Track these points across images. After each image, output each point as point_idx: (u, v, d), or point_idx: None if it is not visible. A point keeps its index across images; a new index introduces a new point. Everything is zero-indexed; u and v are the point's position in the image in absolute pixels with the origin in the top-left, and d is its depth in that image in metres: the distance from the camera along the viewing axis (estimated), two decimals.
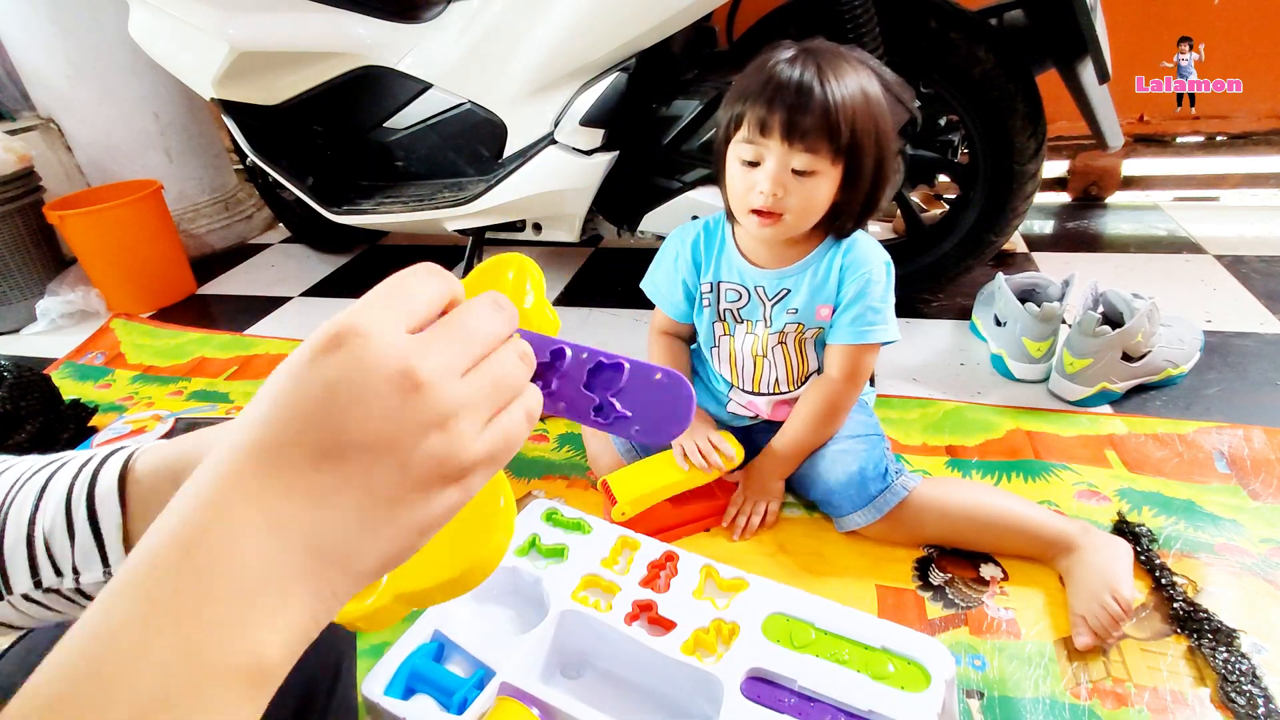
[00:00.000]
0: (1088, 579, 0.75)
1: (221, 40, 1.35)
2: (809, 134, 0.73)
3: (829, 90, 0.73)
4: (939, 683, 0.60)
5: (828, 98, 0.73)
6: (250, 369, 1.43)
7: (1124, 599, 0.71)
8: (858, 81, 0.75)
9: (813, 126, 0.73)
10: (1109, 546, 0.77)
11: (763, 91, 0.75)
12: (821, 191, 0.77)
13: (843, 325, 0.86)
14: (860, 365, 0.87)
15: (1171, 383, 1.10)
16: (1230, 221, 1.64)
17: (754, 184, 0.77)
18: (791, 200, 0.76)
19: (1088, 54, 1.09)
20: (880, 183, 0.79)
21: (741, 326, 0.91)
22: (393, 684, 0.64)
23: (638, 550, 0.78)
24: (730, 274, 0.90)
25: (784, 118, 0.74)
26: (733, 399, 0.96)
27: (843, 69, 0.75)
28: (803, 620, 0.67)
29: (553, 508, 0.86)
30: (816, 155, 0.74)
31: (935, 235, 1.35)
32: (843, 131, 0.73)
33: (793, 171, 0.75)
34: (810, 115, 0.73)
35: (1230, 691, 0.66)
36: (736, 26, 1.33)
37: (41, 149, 1.85)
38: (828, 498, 0.88)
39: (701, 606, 0.70)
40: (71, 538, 0.33)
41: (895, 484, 0.83)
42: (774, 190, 0.76)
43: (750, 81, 0.77)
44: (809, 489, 0.91)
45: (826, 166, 0.75)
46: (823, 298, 0.86)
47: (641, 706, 0.67)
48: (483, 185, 1.37)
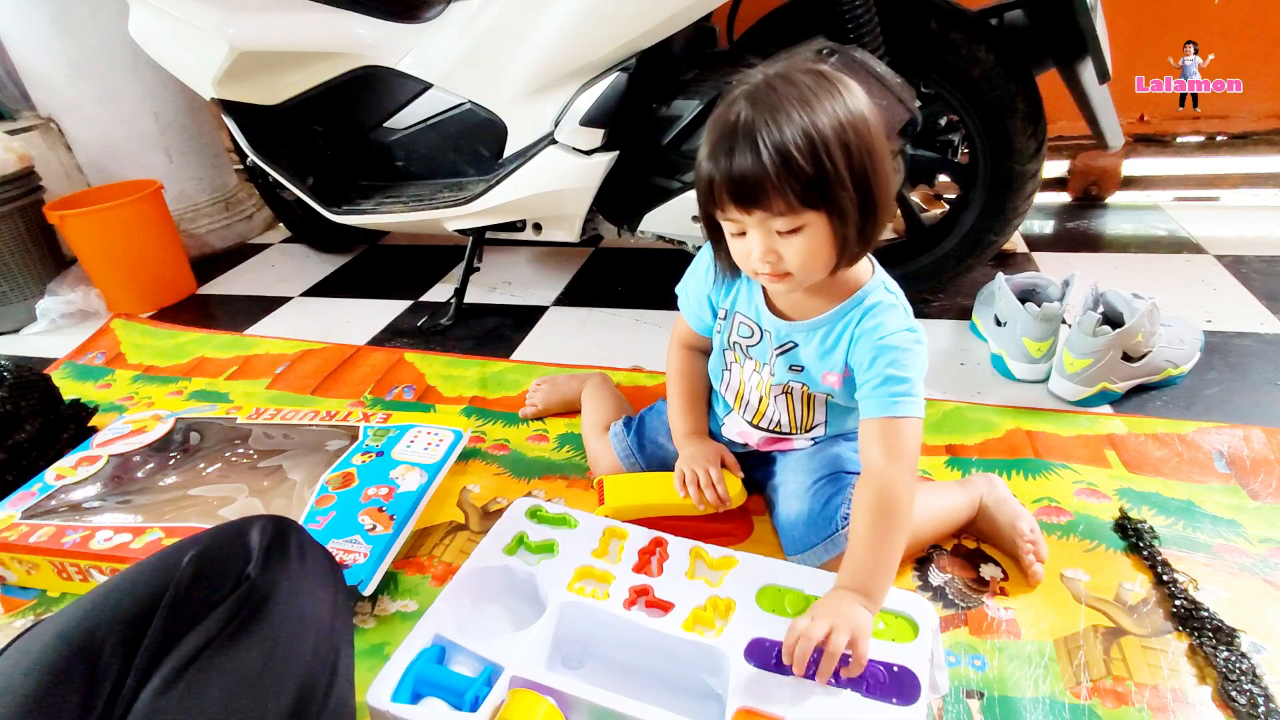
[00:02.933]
0: (1000, 529, 0.83)
1: (221, 40, 1.35)
2: (760, 201, 0.66)
3: (766, 142, 0.64)
4: (926, 632, 0.64)
5: (764, 154, 0.64)
6: (250, 369, 1.43)
7: (1031, 526, 0.82)
8: (812, 110, 0.64)
9: (764, 189, 0.65)
10: (993, 493, 0.86)
11: (712, 154, 0.68)
12: (815, 242, 0.69)
13: (868, 397, 0.74)
14: (902, 441, 0.72)
15: (1171, 383, 1.10)
16: (1231, 221, 1.64)
17: (747, 253, 0.71)
18: (786, 264, 0.70)
19: (1088, 54, 1.09)
20: (873, 206, 0.68)
21: (750, 363, 0.86)
22: (399, 691, 0.64)
23: (626, 539, 0.81)
24: (747, 308, 0.84)
25: (732, 188, 0.66)
26: (727, 424, 0.93)
27: (787, 105, 0.64)
28: (794, 589, 0.71)
29: (536, 505, 0.87)
30: (788, 215, 0.66)
31: (935, 235, 1.35)
32: (795, 183, 0.64)
33: (779, 233, 0.68)
34: (756, 177, 0.65)
35: (1231, 690, 0.66)
36: (736, 26, 1.33)
37: (41, 149, 1.85)
38: (780, 532, 0.86)
39: (696, 586, 0.73)
40: None
41: (840, 533, 0.78)
42: (766, 258, 0.69)
43: (707, 139, 0.70)
44: (772, 517, 0.89)
45: (809, 216, 0.67)
46: (829, 365, 0.78)
47: (648, 686, 0.68)
48: (483, 185, 1.37)
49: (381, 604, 0.85)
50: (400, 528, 0.88)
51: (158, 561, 0.50)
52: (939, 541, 0.86)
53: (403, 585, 0.87)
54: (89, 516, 0.91)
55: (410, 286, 1.74)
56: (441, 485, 0.99)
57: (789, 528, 0.83)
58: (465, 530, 0.95)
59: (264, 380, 1.38)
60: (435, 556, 0.91)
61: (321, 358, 1.44)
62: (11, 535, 0.88)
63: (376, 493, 0.92)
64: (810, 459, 0.87)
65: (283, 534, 0.54)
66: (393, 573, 0.88)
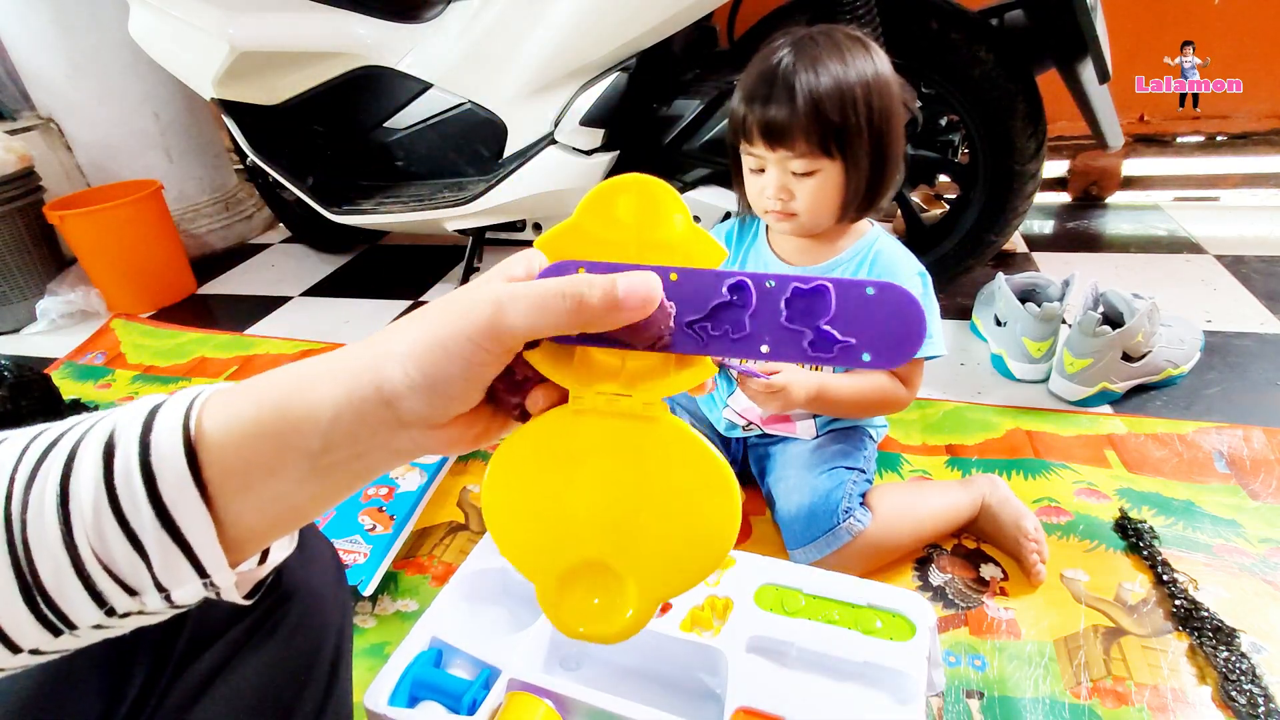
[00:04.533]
0: (1003, 528, 0.83)
1: (221, 40, 1.35)
2: (786, 137, 0.73)
3: (801, 89, 0.72)
4: (923, 630, 0.64)
5: (799, 98, 0.71)
6: (250, 369, 1.43)
7: (1034, 526, 0.81)
8: (846, 66, 0.72)
9: (789, 130, 0.73)
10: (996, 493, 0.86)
11: (749, 94, 0.76)
12: (827, 188, 0.76)
13: None
14: (908, 379, 0.84)
15: (1171, 383, 1.10)
16: (1230, 221, 1.64)
17: (762, 189, 0.78)
18: (797, 204, 0.77)
19: (1088, 54, 1.09)
20: (884, 165, 0.77)
21: None
22: (396, 694, 0.64)
23: None
24: (758, 268, 0.89)
25: (762, 127, 0.74)
26: (730, 404, 0.94)
27: (824, 58, 0.72)
28: (792, 588, 0.71)
29: None
30: (808, 157, 0.74)
31: (935, 235, 1.35)
32: (818, 131, 0.72)
33: (794, 173, 0.76)
34: (784, 119, 0.72)
35: (1231, 690, 0.66)
36: (736, 26, 1.33)
37: (41, 149, 1.85)
38: (781, 527, 0.87)
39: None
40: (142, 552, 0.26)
41: (841, 526, 0.80)
42: (779, 195, 0.77)
43: (745, 81, 0.78)
44: (772, 512, 0.90)
45: (825, 163, 0.75)
46: None
47: (646, 688, 0.68)
48: (483, 185, 1.37)
49: (381, 604, 0.85)
50: (400, 528, 0.88)
51: None
52: (939, 541, 0.86)
53: (403, 585, 0.87)
54: None
55: (410, 286, 1.74)
56: (441, 485, 0.99)
57: (790, 522, 0.84)
58: (465, 530, 0.95)
59: None
60: (435, 556, 0.91)
61: None
62: None
63: (376, 493, 0.92)
64: (811, 453, 0.87)
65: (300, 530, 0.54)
66: (393, 573, 0.88)
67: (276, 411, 0.27)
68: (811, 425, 0.90)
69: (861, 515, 0.81)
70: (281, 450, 0.27)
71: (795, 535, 0.83)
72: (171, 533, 0.25)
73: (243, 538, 0.28)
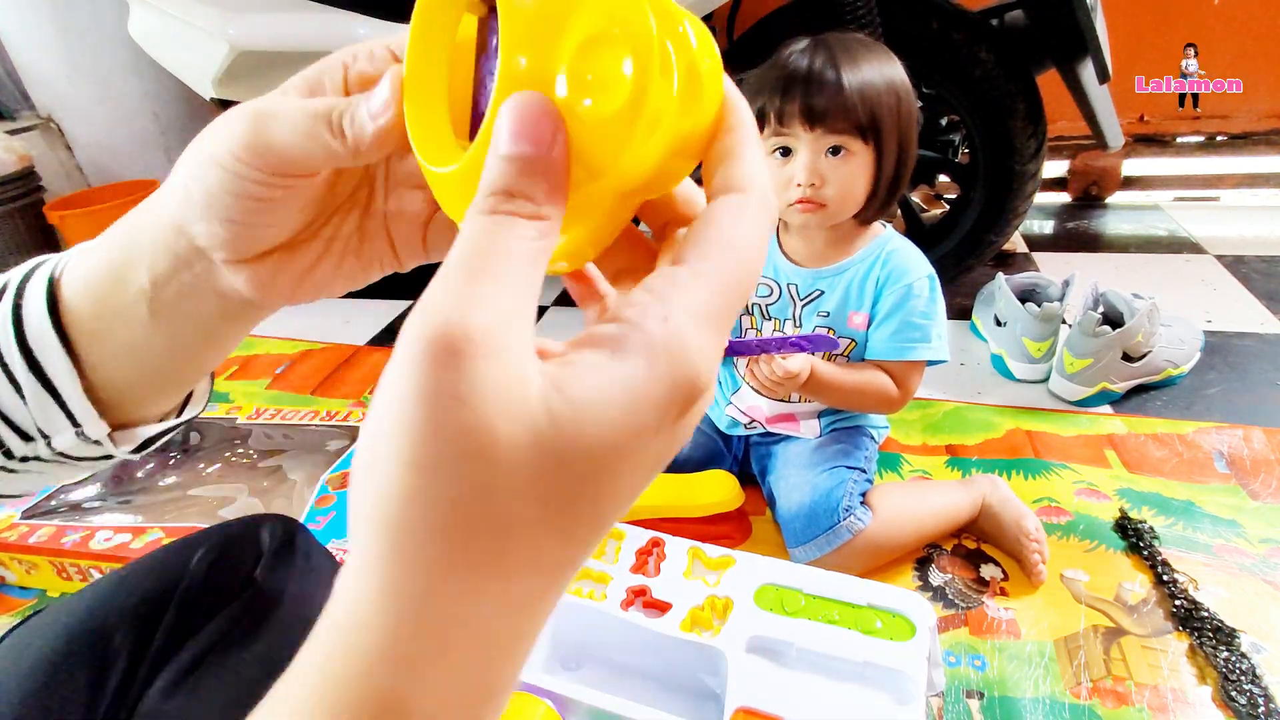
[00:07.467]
0: (1003, 528, 0.83)
1: (221, 40, 1.35)
2: (828, 115, 0.74)
3: (843, 73, 0.73)
4: (924, 630, 0.64)
5: (842, 80, 0.73)
6: (250, 369, 1.43)
7: (1035, 526, 0.81)
8: (874, 65, 0.75)
9: (832, 108, 0.73)
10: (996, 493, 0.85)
11: (779, 83, 0.76)
12: (858, 173, 0.76)
13: (881, 340, 0.83)
14: (904, 381, 0.84)
15: (1171, 383, 1.10)
16: (1230, 221, 1.64)
17: (791, 176, 0.77)
18: (829, 190, 0.77)
19: (1088, 54, 1.09)
20: (905, 164, 0.78)
21: (769, 324, 0.90)
22: None
23: (623, 540, 0.80)
24: (765, 268, 0.89)
25: (803, 104, 0.74)
26: (734, 402, 0.94)
27: (857, 53, 0.75)
28: (791, 588, 0.71)
29: None
30: (846, 135, 0.75)
31: (935, 235, 1.35)
32: (860, 111, 0.73)
33: (827, 155, 0.76)
34: (827, 98, 0.73)
35: (1231, 690, 0.66)
36: (736, 26, 1.33)
37: (41, 149, 1.85)
38: (781, 525, 0.87)
39: (693, 586, 0.73)
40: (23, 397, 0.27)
41: (842, 525, 0.80)
42: (810, 180, 0.76)
43: (765, 75, 0.78)
44: (773, 511, 0.90)
45: (859, 146, 0.75)
46: (856, 304, 0.84)
47: (646, 688, 0.68)
48: None
49: None
50: None
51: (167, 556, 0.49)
52: (939, 541, 0.86)
53: None
54: (89, 516, 0.91)
55: (410, 286, 1.74)
56: None
57: (790, 520, 0.84)
58: None
59: (264, 380, 1.38)
60: None
61: (321, 358, 1.44)
62: (11, 535, 0.88)
63: None
64: (812, 453, 0.87)
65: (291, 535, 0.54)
66: None
67: (118, 252, 0.27)
68: (815, 425, 0.90)
69: (862, 514, 0.81)
70: (119, 290, 0.27)
71: (796, 533, 0.83)
72: (39, 377, 0.27)
73: (114, 390, 0.28)
